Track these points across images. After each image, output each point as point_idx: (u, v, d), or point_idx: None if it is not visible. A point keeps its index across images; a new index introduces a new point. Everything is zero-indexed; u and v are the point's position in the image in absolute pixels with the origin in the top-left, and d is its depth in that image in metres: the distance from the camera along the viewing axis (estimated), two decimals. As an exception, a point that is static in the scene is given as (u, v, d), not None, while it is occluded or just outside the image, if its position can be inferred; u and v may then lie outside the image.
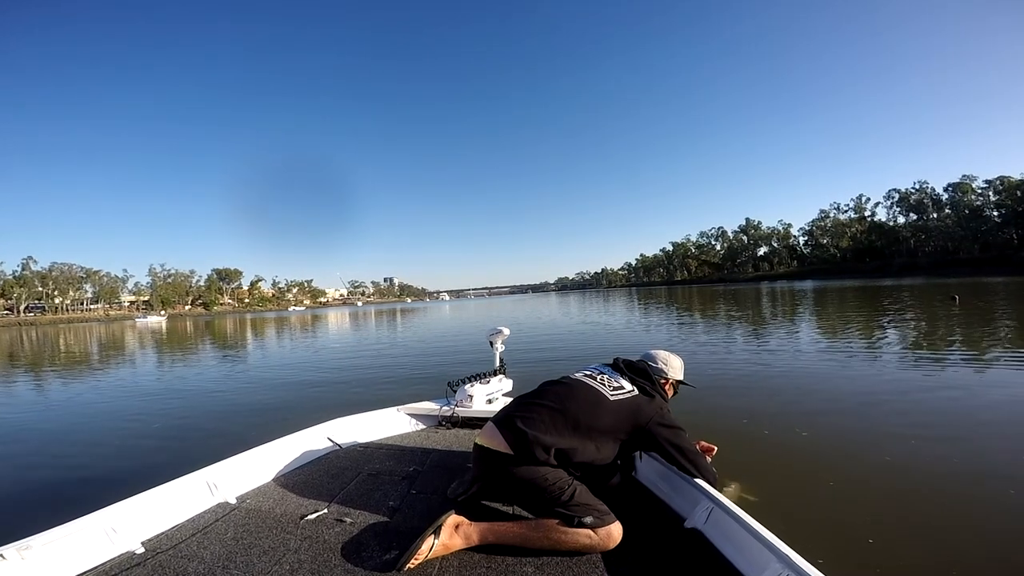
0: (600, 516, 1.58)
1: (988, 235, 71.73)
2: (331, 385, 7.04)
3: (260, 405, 5.84)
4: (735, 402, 4.53)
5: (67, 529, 1.58)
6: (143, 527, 1.76)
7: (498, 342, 3.64)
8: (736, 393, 4.91)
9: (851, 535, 2.18)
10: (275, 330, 24.36)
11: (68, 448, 4.40)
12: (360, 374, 7.96)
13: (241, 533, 1.76)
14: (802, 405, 4.36)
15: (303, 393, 6.54)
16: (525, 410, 1.76)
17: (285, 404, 5.82)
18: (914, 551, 2.07)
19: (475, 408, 3.09)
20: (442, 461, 2.43)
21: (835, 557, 1.96)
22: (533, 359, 8.23)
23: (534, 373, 5.88)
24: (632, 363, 2.02)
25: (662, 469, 2.02)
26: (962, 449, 3.12)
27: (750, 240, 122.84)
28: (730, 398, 4.69)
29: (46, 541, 1.52)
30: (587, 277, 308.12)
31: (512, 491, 1.73)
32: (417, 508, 1.92)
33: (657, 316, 17.58)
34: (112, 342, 21.51)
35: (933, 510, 2.40)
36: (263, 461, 2.30)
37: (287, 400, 6.09)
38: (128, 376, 9.48)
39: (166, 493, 1.88)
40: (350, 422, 2.85)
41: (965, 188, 77.53)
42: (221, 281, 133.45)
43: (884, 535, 2.17)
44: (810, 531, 2.21)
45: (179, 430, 4.81)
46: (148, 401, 6.49)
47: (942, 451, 3.09)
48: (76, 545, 1.58)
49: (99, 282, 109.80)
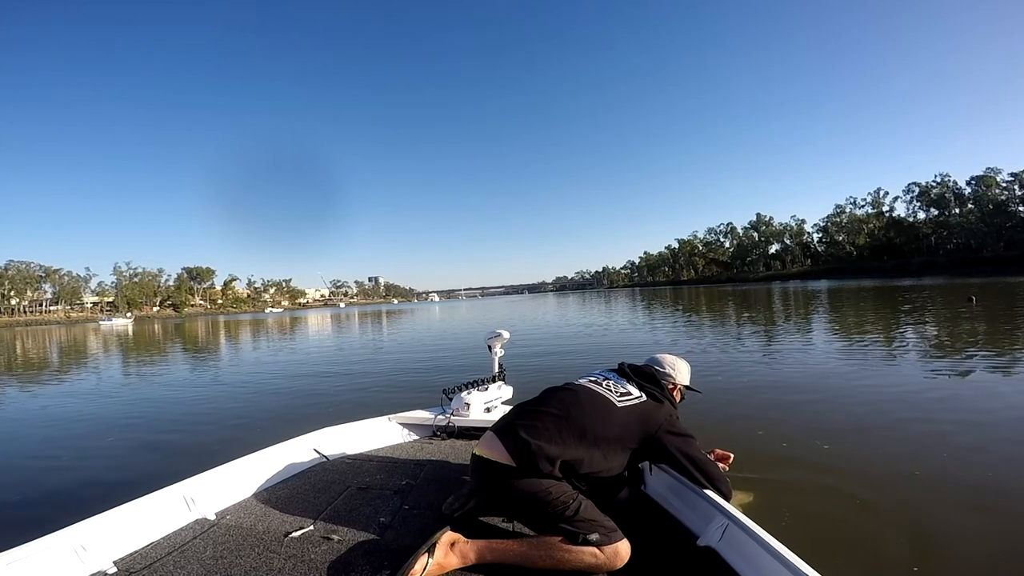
0: (607, 533, 1.58)
1: (1013, 232, 72.42)
2: (315, 392, 7.03)
3: (239, 415, 5.81)
4: (749, 412, 4.54)
5: (33, 548, 1.57)
6: (115, 545, 1.75)
7: (497, 346, 3.64)
8: (750, 403, 4.93)
9: (883, 558, 2.16)
10: (251, 333, 24.24)
11: (32, 462, 4.36)
12: (347, 380, 7.93)
13: (221, 551, 1.75)
14: (823, 416, 4.36)
15: (285, 401, 6.52)
16: (527, 418, 1.77)
17: (266, 413, 5.80)
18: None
19: (472, 417, 3.09)
20: (437, 474, 2.43)
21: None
22: (533, 367, 8.24)
23: (535, 380, 5.89)
24: (639, 368, 2.03)
25: (673, 482, 2.02)
26: (997, 462, 3.10)
27: (761, 237, 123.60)
28: (743, 408, 4.71)
29: (10, 561, 1.51)
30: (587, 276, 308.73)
31: (512, 506, 1.73)
32: (410, 525, 1.91)
33: (662, 318, 17.65)
34: (74, 347, 21.32)
35: (979, 533, 2.34)
36: (244, 474, 2.29)
37: (268, 409, 6.07)
38: (93, 384, 9.39)
39: (140, 509, 1.87)
40: (338, 432, 2.85)
41: (989, 181, 78.38)
42: (192, 281, 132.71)
43: (923, 559, 2.14)
44: (835, 551, 2.20)
45: (152, 442, 4.78)
46: (117, 411, 6.44)
47: (978, 466, 3.07)
48: (43, 565, 1.56)
49: (59, 282, 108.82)
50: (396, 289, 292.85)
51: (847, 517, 2.54)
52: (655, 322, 16.31)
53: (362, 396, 6.48)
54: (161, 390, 8.10)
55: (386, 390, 6.84)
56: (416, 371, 8.66)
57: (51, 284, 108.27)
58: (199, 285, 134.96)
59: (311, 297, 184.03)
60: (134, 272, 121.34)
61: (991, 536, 2.32)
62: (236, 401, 6.66)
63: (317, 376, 8.67)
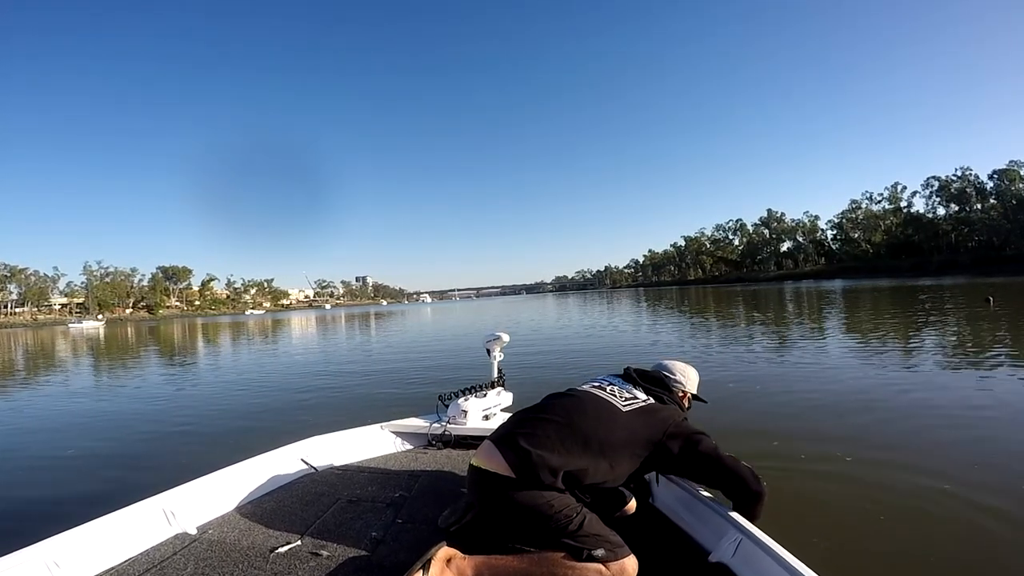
0: (612, 548, 1.58)
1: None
2: (302, 399, 7.02)
3: (221, 423, 5.81)
4: (763, 421, 4.56)
5: (3, 564, 1.56)
6: (90, 561, 1.74)
7: (496, 350, 3.62)
8: (763, 411, 4.95)
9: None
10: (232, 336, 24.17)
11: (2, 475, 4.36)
12: (335, 386, 7.94)
13: (202, 568, 1.75)
14: (843, 426, 4.36)
15: (270, 409, 6.52)
16: (528, 426, 1.76)
17: (250, 421, 5.80)
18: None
19: (470, 425, 3.08)
20: (432, 485, 2.43)
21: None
22: (533, 368, 8.25)
23: (536, 385, 5.89)
24: (646, 372, 2.04)
25: (682, 495, 2.02)
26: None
27: (772, 234, 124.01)
28: (757, 417, 4.74)
29: None
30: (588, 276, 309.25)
31: (512, 520, 1.72)
32: (403, 539, 1.92)
33: (667, 320, 17.69)
34: (42, 351, 21.21)
35: (1016, 550, 2.34)
36: (227, 486, 2.28)
37: (252, 417, 6.07)
38: (63, 392, 9.36)
39: (116, 523, 1.86)
40: (327, 441, 2.84)
41: (1012, 175, 78.66)
42: (167, 281, 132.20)
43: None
44: (856, 569, 2.21)
45: (129, 453, 4.78)
46: (91, 420, 6.43)
47: (1012, 477, 3.07)
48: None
49: (25, 282, 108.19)
50: (385, 290, 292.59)
51: (869, 533, 2.54)
52: (659, 324, 16.36)
53: (352, 403, 6.49)
54: (136, 397, 8.08)
55: (377, 396, 6.84)
56: (409, 376, 8.67)
57: (16, 284, 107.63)
58: (175, 285, 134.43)
59: (294, 298, 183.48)
60: (105, 272, 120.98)
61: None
62: (217, 409, 6.65)
63: (304, 382, 8.67)
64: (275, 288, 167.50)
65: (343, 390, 7.61)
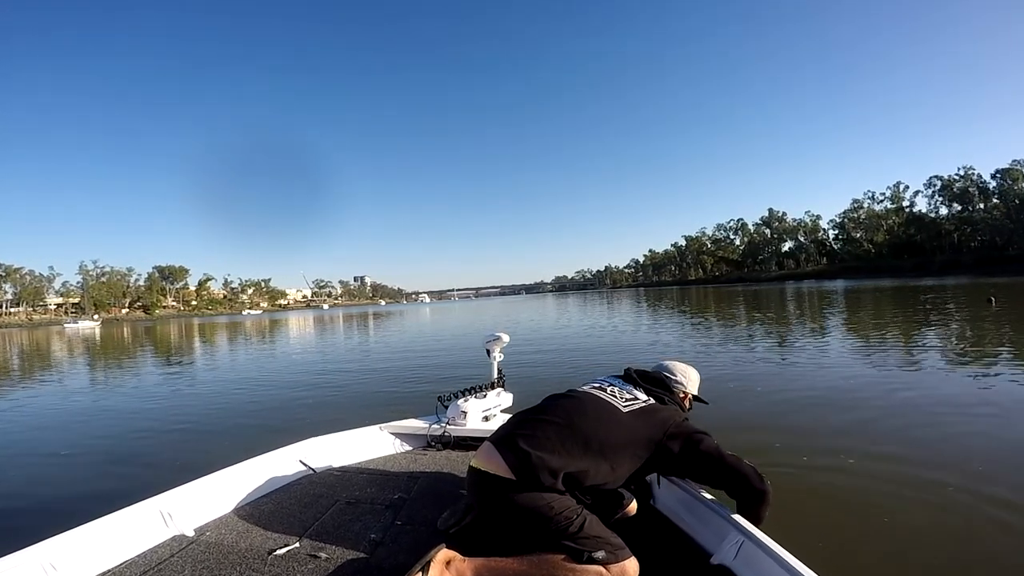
0: (613, 550, 1.58)
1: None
2: (300, 400, 7.02)
3: (218, 424, 5.81)
4: (765, 423, 4.58)
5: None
6: (87, 563, 1.74)
7: (496, 350, 3.61)
8: (765, 412, 4.96)
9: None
10: (229, 337, 24.16)
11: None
12: (334, 387, 7.94)
13: (200, 570, 1.75)
14: (844, 426, 4.38)
15: (268, 410, 6.52)
16: (528, 428, 1.77)
17: (248, 422, 5.80)
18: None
19: (470, 426, 3.08)
20: (431, 487, 2.44)
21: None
22: (533, 368, 8.26)
23: (537, 385, 5.90)
24: (647, 373, 2.04)
25: (684, 496, 2.03)
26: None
27: (774, 234, 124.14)
28: (759, 418, 4.75)
29: None
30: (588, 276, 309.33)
31: (512, 521, 1.73)
32: (402, 541, 1.92)
33: (667, 320, 17.70)
34: (37, 352, 21.19)
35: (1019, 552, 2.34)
36: (225, 488, 2.29)
37: (250, 418, 6.07)
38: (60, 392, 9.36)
39: (113, 524, 1.86)
40: (325, 443, 2.84)
41: (1015, 175, 78.67)
42: (164, 281, 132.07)
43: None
44: (859, 571, 2.21)
45: (126, 454, 4.78)
46: (87, 421, 6.43)
47: (1016, 476, 3.08)
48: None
49: (20, 282, 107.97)
50: (384, 289, 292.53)
51: (873, 535, 2.55)
52: (660, 324, 16.37)
53: (350, 404, 6.50)
54: (133, 398, 8.08)
55: (376, 397, 6.85)
56: (408, 377, 8.67)
57: (11, 284, 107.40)
58: (171, 285, 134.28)
59: (292, 298, 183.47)
60: (101, 271, 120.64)
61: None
62: (214, 410, 6.65)
63: (302, 383, 8.66)
64: (272, 288, 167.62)
65: (341, 391, 7.62)
